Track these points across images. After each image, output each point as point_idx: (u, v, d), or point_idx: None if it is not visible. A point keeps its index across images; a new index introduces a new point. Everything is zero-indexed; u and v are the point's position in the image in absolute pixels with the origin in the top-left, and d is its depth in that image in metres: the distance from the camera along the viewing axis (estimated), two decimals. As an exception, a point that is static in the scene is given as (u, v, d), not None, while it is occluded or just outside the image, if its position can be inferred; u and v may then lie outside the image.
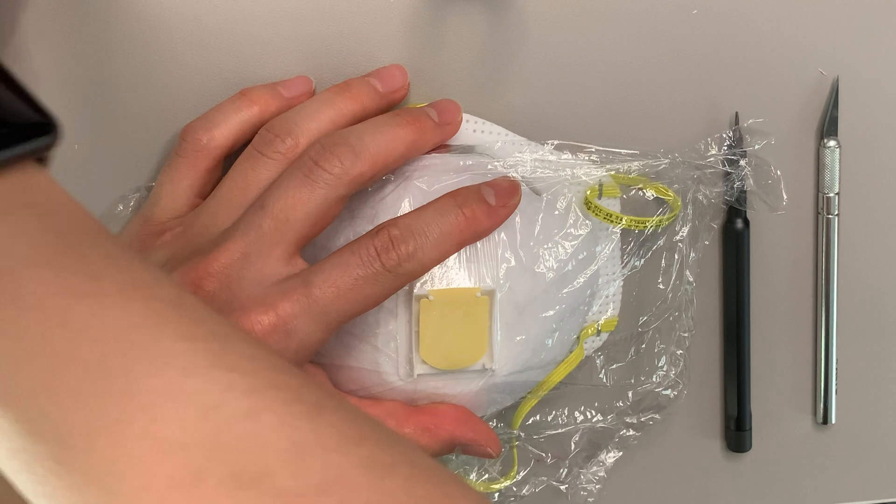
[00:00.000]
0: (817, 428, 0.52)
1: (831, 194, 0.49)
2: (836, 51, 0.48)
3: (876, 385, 0.52)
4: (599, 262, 0.47)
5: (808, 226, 0.50)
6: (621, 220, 0.47)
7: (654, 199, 0.48)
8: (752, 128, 0.48)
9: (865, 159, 0.50)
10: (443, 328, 0.43)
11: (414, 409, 0.44)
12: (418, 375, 0.43)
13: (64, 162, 0.46)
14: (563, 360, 0.47)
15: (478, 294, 0.43)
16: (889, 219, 0.51)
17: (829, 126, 0.49)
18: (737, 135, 0.48)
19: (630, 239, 0.48)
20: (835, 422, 0.52)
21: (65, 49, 0.45)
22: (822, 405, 0.51)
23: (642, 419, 0.50)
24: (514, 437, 0.50)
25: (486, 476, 0.50)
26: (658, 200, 0.48)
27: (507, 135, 0.47)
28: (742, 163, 0.48)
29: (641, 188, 0.48)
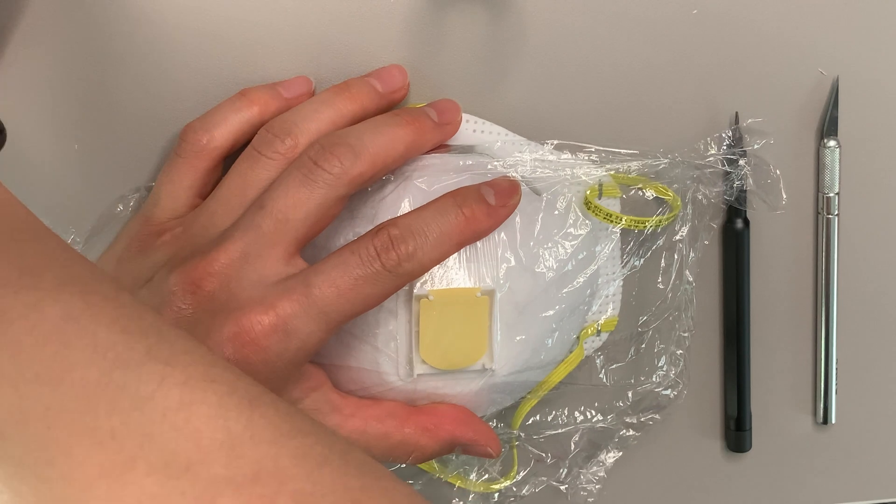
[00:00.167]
0: (817, 428, 0.52)
1: (831, 194, 0.49)
2: (836, 51, 0.48)
3: (876, 385, 0.52)
4: (599, 262, 0.47)
5: (808, 226, 0.50)
6: (621, 219, 0.47)
7: (653, 198, 0.48)
8: (751, 127, 0.48)
9: (865, 159, 0.50)
10: (443, 328, 0.43)
11: (414, 409, 0.44)
12: (418, 375, 0.43)
13: (64, 162, 0.46)
14: (563, 360, 0.47)
15: (478, 294, 0.43)
16: (889, 219, 0.50)
17: (829, 126, 0.49)
18: (736, 134, 0.48)
19: (630, 239, 0.48)
20: (835, 422, 0.52)
21: (65, 49, 0.45)
22: (822, 405, 0.51)
23: (642, 419, 0.50)
24: (514, 437, 0.49)
25: (486, 476, 0.50)
26: (658, 200, 0.48)
27: (506, 135, 0.47)
28: (741, 162, 0.47)
29: (641, 188, 0.48)
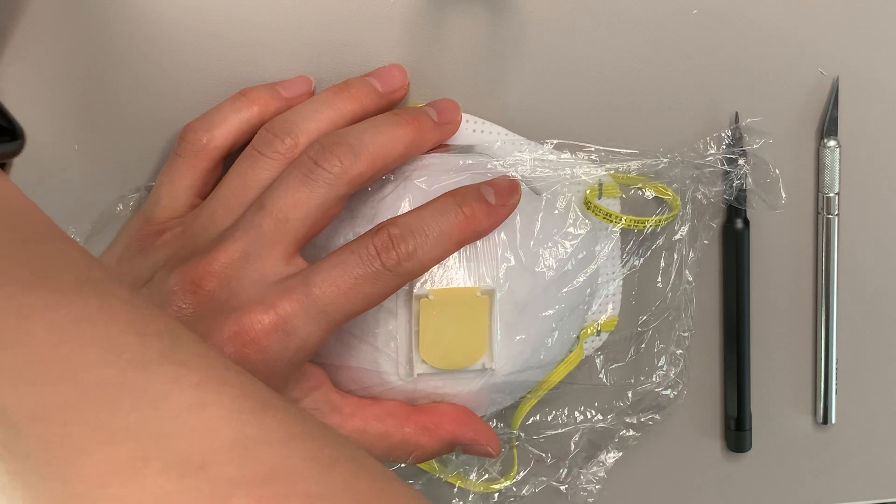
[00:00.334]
0: (817, 428, 0.52)
1: (831, 194, 0.49)
2: (836, 51, 0.48)
3: (876, 385, 0.52)
4: (599, 262, 0.47)
5: (808, 226, 0.50)
6: (621, 219, 0.47)
7: (653, 198, 0.48)
8: (750, 127, 0.48)
9: (865, 159, 0.50)
10: (443, 328, 0.43)
11: (414, 409, 0.44)
12: (418, 375, 0.43)
13: (64, 162, 0.46)
14: (562, 360, 0.47)
15: (478, 294, 0.43)
16: (889, 219, 0.50)
17: (829, 126, 0.49)
18: (736, 134, 0.48)
19: (629, 238, 0.48)
20: (835, 422, 0.52)
21: (65, 49, 0.45)
22: (822, 405, 0.51)
23: (642, 419, 0.50)
24: (514, 437, 0.49)
25: (486, 476, 0.50)
26: (657, 200, 0.48)
27: (506, 134, 0.47)
28: (741, 162, 0.47)
29: (640, 187, 0.48)
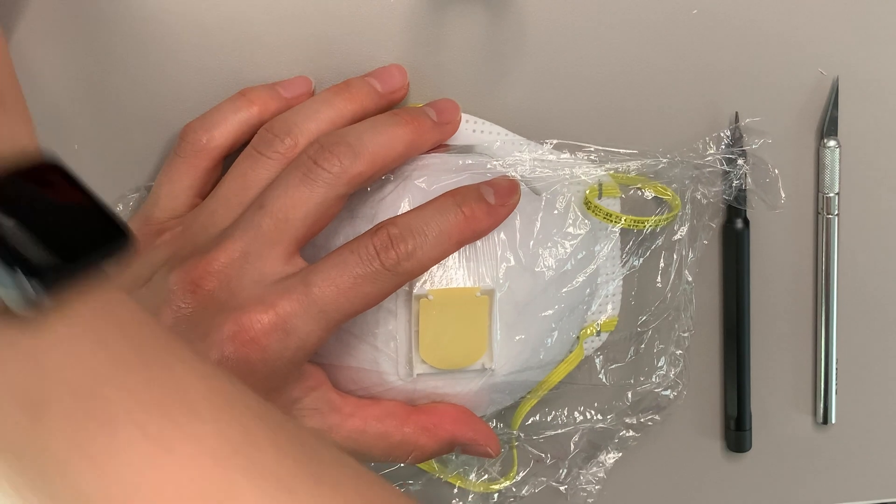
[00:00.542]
0: (817, 428, 0.52)
1: (831, 194, 0.49)
2: (836, 51, 0.48)
3: (876, 385, 0.52)
4: (598, 262, 0.47)
5: (808, 226, 0.50)
6: (620, 219, 0.47)
7: (652, 198, 0.48)
8: (750, 126, 0.48)
9: (865, 159, 0.50)
10: (442, 328, 0.43)
11: (414, 409, 0.44)
12: (418, 375, 0.43)
13: (64, 162, 0.46)
14: (562, 360, 0.47)
15: (477, 294, 0.43)
16: (889, 219, 0.50)
17: (829, 126, 0.49)
18: (736, 134, 0.48)
19: (629, 238, 0.48)
20: (835, 422, 0.52)
21: (65, 49, 0.45)
22: (822, 405, 0.51)
23: (642, 420, 0.50)
24: (514, 437, 0.49)
25: (486, 476, 0.50)
26: (657, 200, 0.48)
27: (506, 134, 0.47)
28: (740, 161, 0.47)
29: (640, 187, 0.48)
